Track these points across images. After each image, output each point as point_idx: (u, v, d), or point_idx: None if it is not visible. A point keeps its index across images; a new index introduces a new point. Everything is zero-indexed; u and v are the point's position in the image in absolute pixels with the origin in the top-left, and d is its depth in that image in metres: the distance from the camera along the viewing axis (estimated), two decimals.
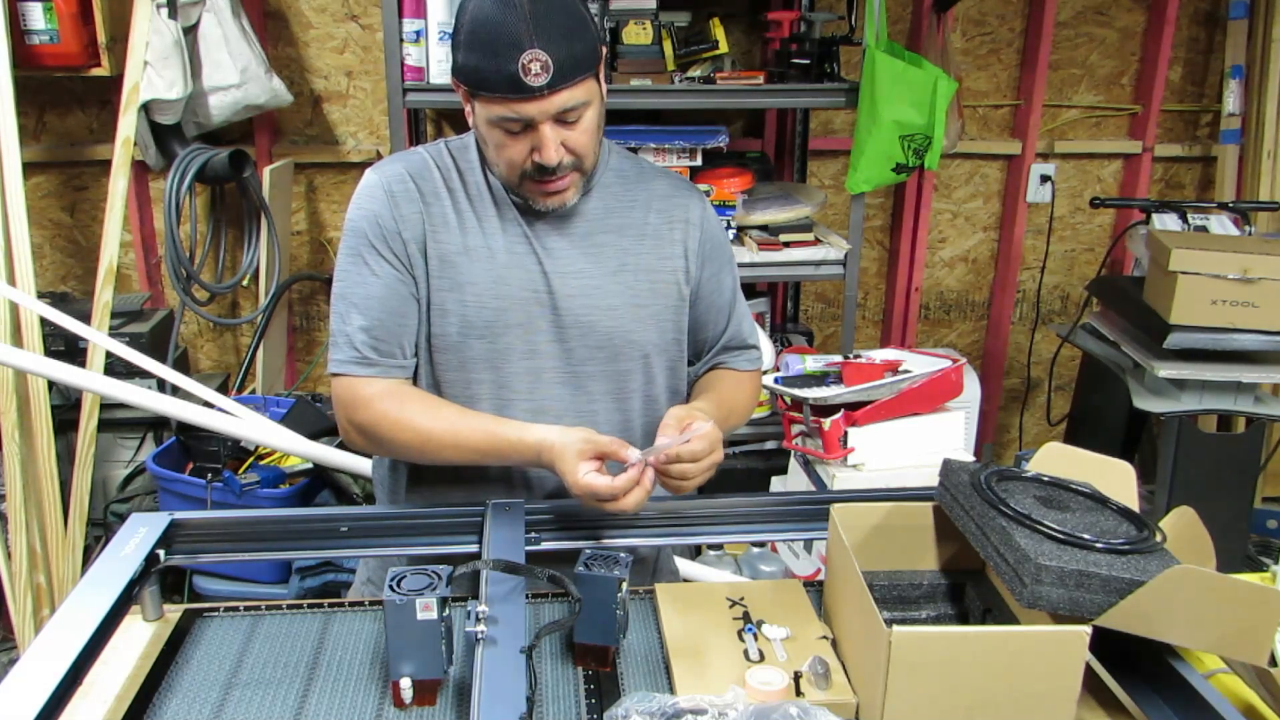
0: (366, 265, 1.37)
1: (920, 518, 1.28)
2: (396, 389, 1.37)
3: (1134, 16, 3.37)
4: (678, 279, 1.45)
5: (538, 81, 1.22)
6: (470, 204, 1.39)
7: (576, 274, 1.40)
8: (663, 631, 1.18)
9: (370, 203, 1.38)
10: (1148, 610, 1.00)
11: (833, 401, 2.16)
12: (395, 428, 1.35)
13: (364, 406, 1.36)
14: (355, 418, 1.37)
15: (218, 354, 3.41)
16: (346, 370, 1.37)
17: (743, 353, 1.57)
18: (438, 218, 1.38)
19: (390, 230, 1.37)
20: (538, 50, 1.21)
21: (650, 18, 2.64)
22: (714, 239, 1.49)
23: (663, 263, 1.44)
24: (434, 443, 1.34)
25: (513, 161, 1.31)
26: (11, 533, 2.52)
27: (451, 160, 1.42)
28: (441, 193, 1.39)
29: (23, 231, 2.46)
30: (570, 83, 1.24)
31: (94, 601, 1.09)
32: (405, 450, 1.38)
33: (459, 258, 1.37)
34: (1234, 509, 2.65)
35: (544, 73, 1.22)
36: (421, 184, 1.39)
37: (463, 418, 1.36)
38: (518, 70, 1.21)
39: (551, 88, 1.23)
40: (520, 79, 1.22)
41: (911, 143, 2.65)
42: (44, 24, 2.61)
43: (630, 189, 1.45)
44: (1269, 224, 3.28)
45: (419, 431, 1.34)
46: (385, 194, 1.37)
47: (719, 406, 1.44)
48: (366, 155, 3.20)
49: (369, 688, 1.12)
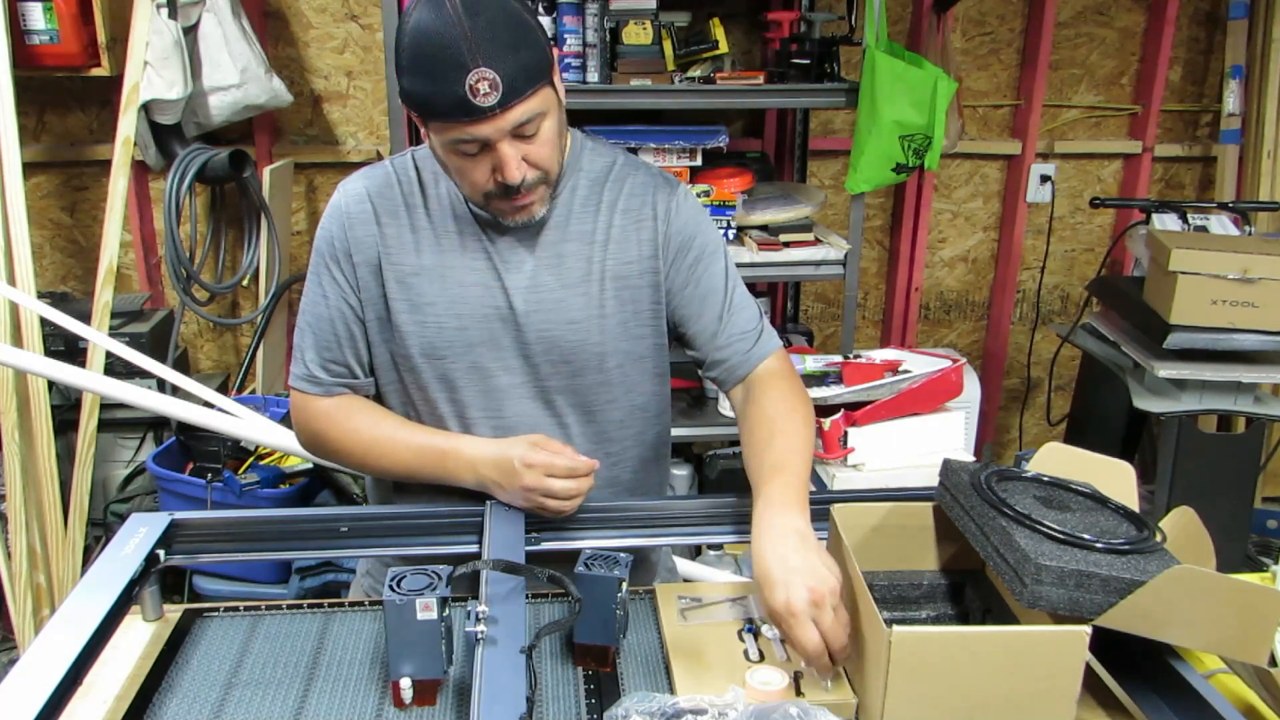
0: (320, 286, 1.39)
1: (920, 518, 1.28)
2: (344, 404, 1.40)
3: (1134, 16, 3.37)
4: (649, 280, 1.40)
5: (487, 101, 1.17)
6: (430, 220, 1.37)
7: (537, 288, 1.36)
8: (663, 631, 1.18)
9: (329, 223, 1.38)
10: (1148, 610, 1.00)
11: (833, 401, 2.16)
12: (340, 439, 1.40)
13: (312, 420, 1.41)
14: (305, 430, 1.43)
15: (218, 354, 3.41)
16: (298, 386, 1.41)
17: (749, 338, 1.44)
18: (393, 239, 1.36)
19: (342, 252, 1.36)
20: (483, 69, 1.15)
21: (650, 18, 2.63)
22: (684, 229, 1.40)
23: (628, 267, 1.38)
24: (373, 453, 1.38)
25: (476, 184, 1.27)
26: (11, 533, 2.52)
27: (415, 173, 1.39)
28: (400, 211, 1.37)
29: (23, 231, 2.46)
30: (522, 97, 1.19)
31: (94, 601, 1.09)
32: (349, 460, 1.42)
33: (414, 279, 1.35)
34: (1234, 509, 2.65)
35: (494, 91, 1.16)
36: (379, 203, 1.36)
37: (402, 429, 1.38)
38: (465, 92, 1.16)
39: (504, 105, 1.17)
40: (469, 101, 1.16)
41: (911, 143, 2.65)
42: (44, 24, 2.61)
43: (598, 191, 1.40)
44: (1269, 224, 3.28)
45: (360, 442, 1.38)
46: (343, 215, 1.37)
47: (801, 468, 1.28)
48: (366, 155, 3.20)
49: (369, 688, 1.12)
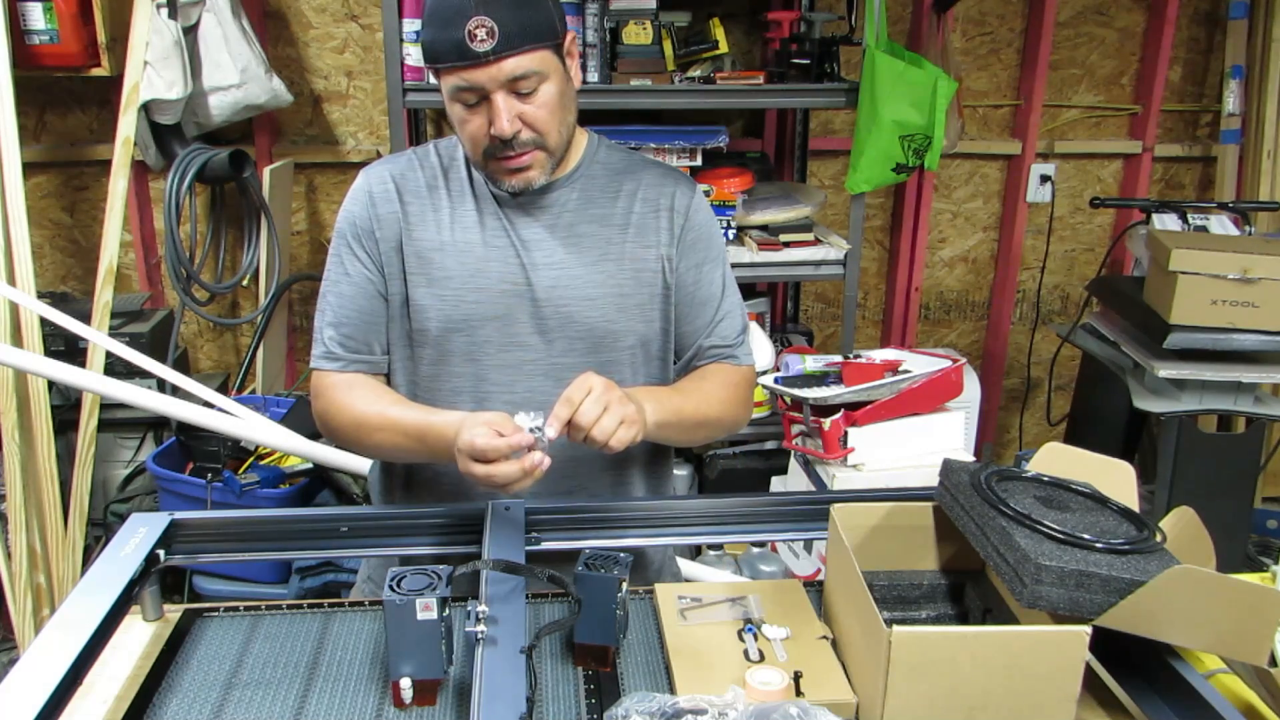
0: (343, 265, 1.42)
1: (920, 518, 1.27)
2: (352, 380, 1.42)
3: (1134, 16, 3.37)
4: (662, 267, 1.44)
5: (483, 47, 1.24)
6: (450, 199, 1.42)
7: (555, 265, 1.39)
8: (663, 631, 1.18)
9: (352, 205, 1.43)
10: (1148, 610, 1.00)
11: (833, 401, 2.16)
12: (339, 414, 1.40)
13: (320, 395, 1.43)
14: (315, 407, 1.44)
15: (218, 354, 3.41)
16: (316, 365, 1.43)
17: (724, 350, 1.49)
18: (415, 216, 1.40)
19: (365, 231, 1.41)
20: (483, 16, 1.23)
21: (650, 18, 2.63)
22: (700, 229, 1.46)
23: (646, 251, 1.43)
24: (366, 427, 1.38)
25: (474, 137, 1.33)
26: (11, 533, 2.52)
27: (437, 159, 1.45)
28: (422, 191, 1.42)
29: (23, 231, 2.46)
30: (518, 50, 1.25)
31: (94, 601, 1.09)
32: (343, 435, 1.42)
33: (435, 253, 1.39)
34: (1234, 509, 2.65)
35: (489, 39, 1.24)
36: (402, 184, 1.42)
37: (396, 405, 1.39)
38: (464, 37, 1.24)
39: (498, 53, 1.24)
40: (466, 45, 1.24)
41: (911, 143, 2.65)
42: (44, 24, 2.61)
43: (616, 180, 1.45)
44: (1269, 224, 3.28)
45: (354, 416, 1.39)
46: (366, 196, 1.42)
47: (674, 392, 1.41)
48: (366, 155, 3.20)
49: (369, 688, 1.12)
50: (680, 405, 1.40)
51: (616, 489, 1.49)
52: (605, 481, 1.47)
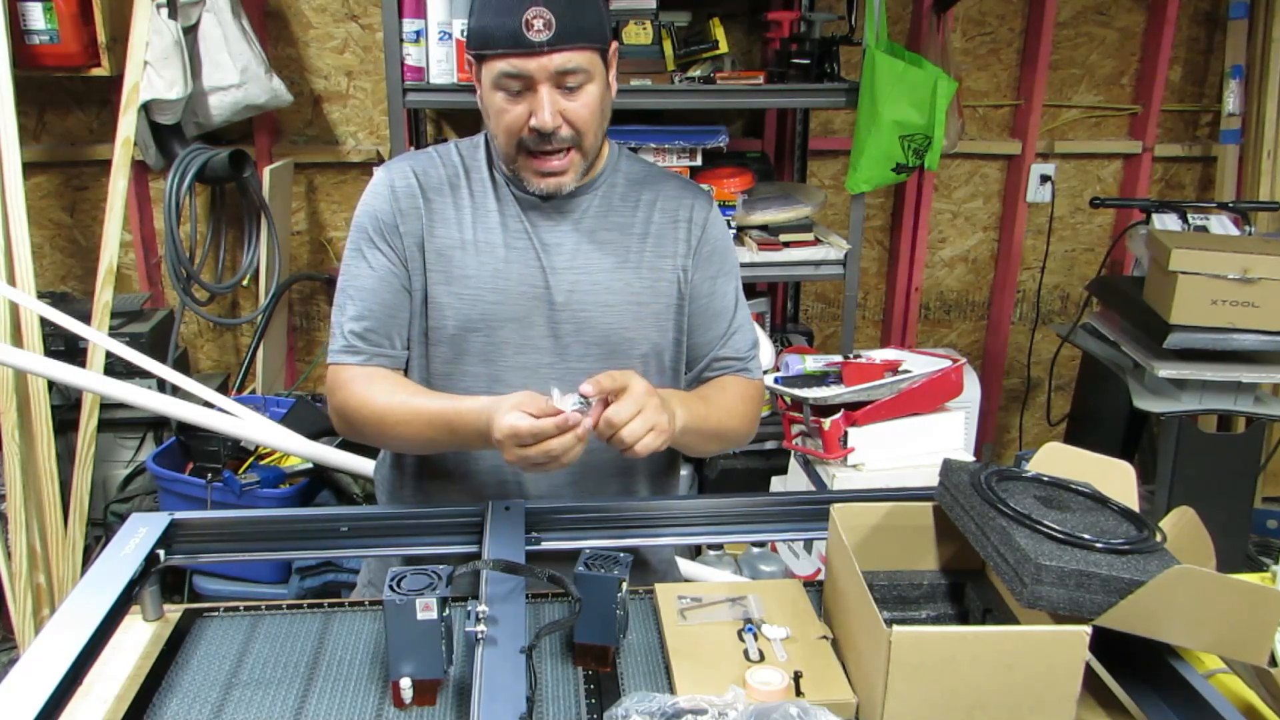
0: (364, 259, 1.40)
1: (920, 518, 1.28)
2: (372, 373, 1.39)
3: (1134, 16, 3.37)
4: (678, 277, 1.45)
5: (539, 37, 1.25)
6: (472, 199, 1.41)
7: (575, 270, 1.40)
8: (663, 631, 1.18)
9: (373, 199, 1.42)
10: (1148, 610, 1.00)
11: (833, 401, 2.16)
12: (360, 407, 1.38)
13: (338, 390, 1.40)
14: (333, 401, 1.41)
15: (218, 354, 3.41)
16: (336, 359, 1.41)
17: (737, 363, 1.51)
18: (438, 213, 1.40)
19: (389, 225, 1.40)
20: (542, 7, 1.24)
21: (650, 18, 2.64)
22: (716, 242, 1.48)
23: (663, 261, 1.44)
24: (389, 419, 1.36)
25: (511, 128, 1.32)
26: (11, 533, 2.52)
27: (459, 158, 1.44)
28: (444, 188, 1.41)
29: (23, 231, 2.46)
30: (572, 45, 1.27)
31: (94, 601, 1.09)
32: (365, 428, 1.39)
33: (456, 251, 1.39)
34: (1234, 509, 2.65)
35: (546, 30, 1.25)
36: (425, 180, 1.41)
37: (418, 395, 1.37)
38: (520, 25, 1.25)
39: (552, 45, 1.25)
40: (522, 33, 1.25)
41: (911, 143, 2.65)
42: (44, 24, 2.61)
43: (636, 189, 1.46)
44: (1269, 224, 3.28)
45: (376, 409, 1.36)
46: (389, 190, 1.41)
47: (700, 400, 1.41)
48: (366, 155, 3.21)
49: (369, 688, 1.12)
50: (706, 414, 1.40)
51: (622, 497, 1.48)
52: (612, 488, 1.48)
